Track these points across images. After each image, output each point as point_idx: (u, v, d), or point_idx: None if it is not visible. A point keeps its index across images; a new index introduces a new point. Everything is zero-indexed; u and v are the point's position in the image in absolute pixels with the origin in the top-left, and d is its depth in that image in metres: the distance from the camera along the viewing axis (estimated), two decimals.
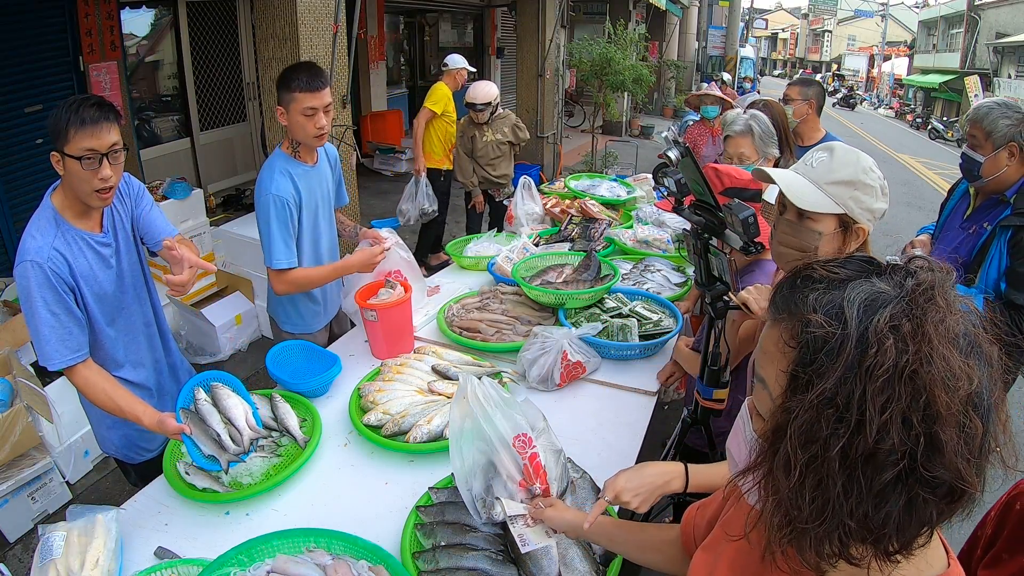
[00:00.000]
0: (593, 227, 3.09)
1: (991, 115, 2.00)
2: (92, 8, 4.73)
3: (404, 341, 2.15)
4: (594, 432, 1.80)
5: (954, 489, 0.56)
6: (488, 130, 4.61)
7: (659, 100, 15.78)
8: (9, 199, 4.48)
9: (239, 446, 1.55)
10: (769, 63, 56.43)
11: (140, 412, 1.52)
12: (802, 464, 0.58)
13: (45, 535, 1.29)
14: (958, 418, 0.55)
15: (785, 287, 0.66)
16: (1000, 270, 1.97)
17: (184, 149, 6.15)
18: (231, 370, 3.72)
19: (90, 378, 1.56)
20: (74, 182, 1.50)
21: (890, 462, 0.55)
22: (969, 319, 0.60)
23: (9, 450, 2.39)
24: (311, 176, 2.15)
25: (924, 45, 29.24)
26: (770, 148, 2.21)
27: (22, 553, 2.45)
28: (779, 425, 0.60)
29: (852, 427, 0.55)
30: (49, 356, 1.51)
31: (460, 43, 12.04)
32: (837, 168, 1.25)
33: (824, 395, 0.56)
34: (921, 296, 0.58)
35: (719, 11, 19.25)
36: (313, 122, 2.01)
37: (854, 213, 1.25)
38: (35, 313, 1.49)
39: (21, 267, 1.49)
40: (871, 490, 0.56)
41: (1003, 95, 18.58)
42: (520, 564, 1.28)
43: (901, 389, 0.54)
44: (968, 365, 0.56)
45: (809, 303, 0.60)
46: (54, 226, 1.54)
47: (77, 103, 1.46)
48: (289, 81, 1.98)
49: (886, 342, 0.55)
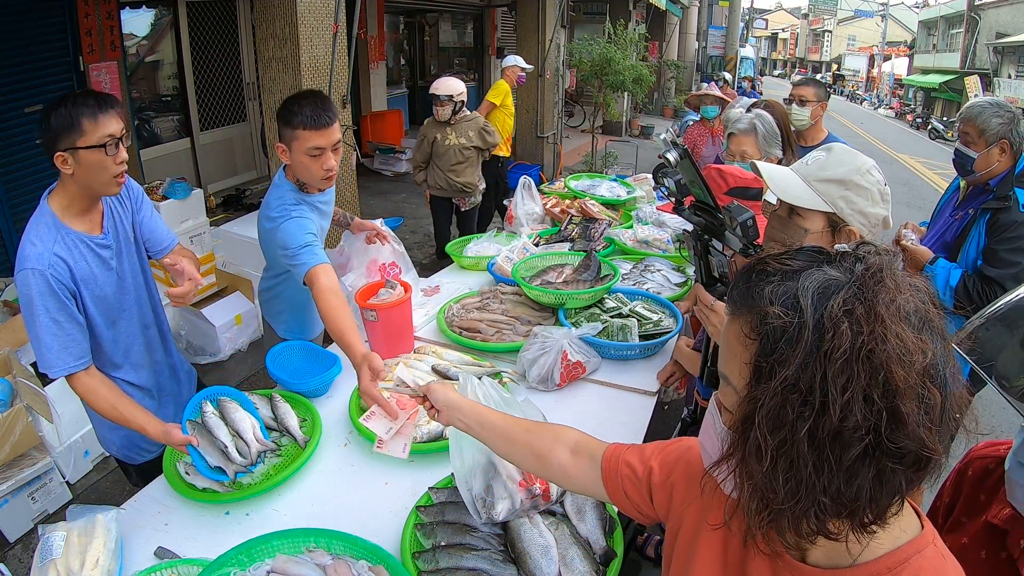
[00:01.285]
0: (593, 227, 3.09)
1: (984, 114, 2.12)
2: (92, 8, 4.74)
3: (404, 341, 2.15)
4: (594, 432, 1.77)
5: (920, 458, 0.59)
6: (451, 133, 4.21)
7: (659, 100, 15.78)
8: (9, 199, 4.48)
9: (246, 458, 1.54)
10: (769, 63, 56.42)
11: (144, 422, 1.51)
12: (772, 449, 0.60)
13: (45, 535, 1.29)
14: (916, 391, 0.58)
15: (741, 282, 0.67)
16: (978, 249, 2.11)
17: (184, 149, 6.15)
18: (231, 370, 3.76)
19: (92, 386, 1.53)
20: (91, 175, 1.47)
21: (856, 438, 0.57)
22: (919, 296, 0.62)
23: (9, 450, 2.39)
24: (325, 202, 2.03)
25: (924, 45, 29.24)
26: (773, 149, 2.22)
27: (22, 553, 2.45)
28: (747, 414, 0.63)
29: (816, 409, 0.57)
30: (51, 364, 1.49)
31: (460, 43, 12.06)
32: (831, 166, 1.24)
33: (787, 381, 0.59)
34: (871, 279, 0.60)
35: (719, 11, 19.25)
36: (320, 163, 1.80)
37: (843, 213, 1.23)
38: (37, 320, 1.47)
39: (22, 275, 1.46)
40: (841, 466, 0.58)
41: (1003, 95, 18.60)
42: (520, 564, 1.28)
43: (859, 369, 0.57)
44: (921, 340, 0.59)
45: (765, 296, 0.62)
46: (54, 231, 1.51)
47: (76, 98, 1.45)
48: (291, 116, 1.76)
49: (841, 326, 0.58)
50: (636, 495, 0.97)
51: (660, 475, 0.94)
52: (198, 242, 4.01)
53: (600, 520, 1.38)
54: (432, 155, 4.27)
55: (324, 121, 1.76)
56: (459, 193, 4.37)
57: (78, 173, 1.48)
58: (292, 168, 1.88)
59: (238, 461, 1.52)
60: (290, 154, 1.82)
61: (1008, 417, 3.52)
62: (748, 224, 1.27)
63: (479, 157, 4.35)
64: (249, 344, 3.99)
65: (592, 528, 1.37)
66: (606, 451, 1.03)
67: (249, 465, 1.53)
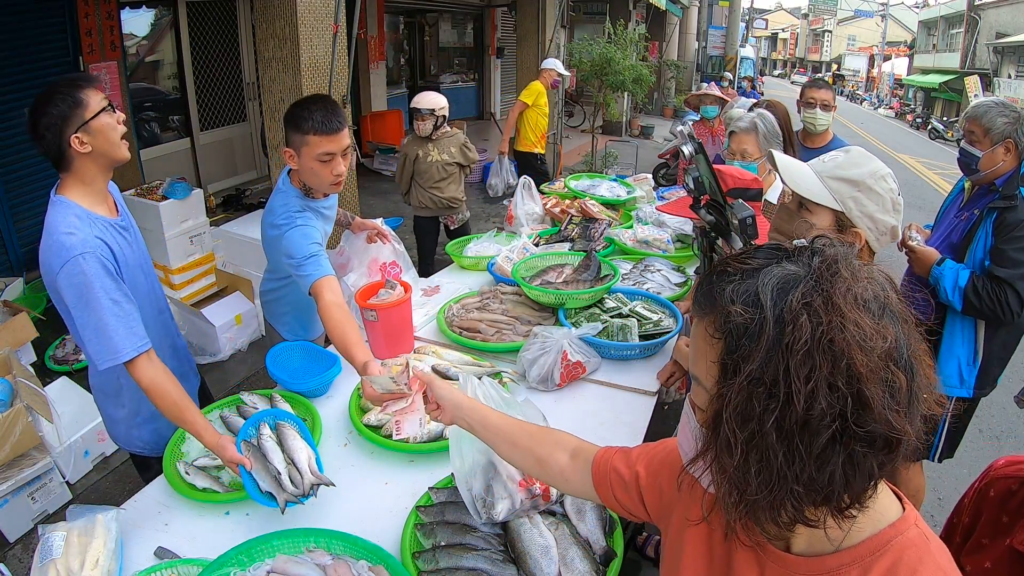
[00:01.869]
0: (593, 227, 3.09)
1: (989, 113, 2.12)
2: (92, 8, 4.74)
3: (404, 341, 2.15)
4: (594, 432, 1.80)
5: (889, 440, 0.60)
6: (433, 149, 3.99)
7: (659, 100, 15.78)
8: (9, 199, 4.48)
9: (298, 488, 1.43)
10: (769, 63, 56.43)
11: (202, 428, 1.47)
12: (743, 442, 0.61)
13: (45, 535, 1.29)
14: (880, 374, 0.59)
15: (704, 284, 0.68)
16: (985, 249, 2.10)
17: (184, 149, 6.15)
18: (231, 370, 3.76)
19: (157, 379, 1.47)
20: (107, 142, 1.49)
21: (823, 426, 0.58)
22: (877, 284, 0.64)
23: (9, 450, 2.39)
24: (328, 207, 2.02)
25: (924, 45, 29.24)
26: (774, 147, 2.22)
27: (22, 553, 2.45)
28: (716, 411, 0.64)
29: (782, 400, 0.59)
30: (119, 347, 1.43)
31: (460, 43, 12.06)
32: (846, 166, 1.24)
33: (752, 376, 0.60)
34: (827, 271, 0.62)
35: (719, 11, 19.24)
36: (330, 168, 1.79)
37: (851, 214, 1.23)
38: (98, 305, 1.42)
39: (71, 264, 1.41)
40: (811, 454, 0.59)
41: (1003, 95, 18.60)
42: (520, 564, 1.28)
43: (821, 358, 0.58)
44: (881, 325, 0.60)
45: (727, 295, 0.64)
46: (84, 218, 1.50)
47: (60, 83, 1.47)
48: (300, 121, 1.74)
49: (800, 318, 0.59)
50: (626, 499, 0.98)
51: (647, 478, 0.95)
52: (198, 242, 4.01)
53: (600, 520, 1.38)
54: (414, 173, 4.08)
55: (335, 126, 1.74)
56: (446, 210, 4.17)
57: (96, 145, 1.48)
58: (299, 173, 1.86)
59: (290, 490, 1.42)
60: (298, 159, 1.80)
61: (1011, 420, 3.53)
62: (748, 223, 1.27)
63: (462, 174, 4.17)
64: (249, 344, 3.99)
65: (592, 528, 1.37)
66: (596, 456, 1.04)
67: (301, 496, 1.41)
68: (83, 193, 1.53)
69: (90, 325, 1.44)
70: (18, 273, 4.43)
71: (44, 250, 1.47)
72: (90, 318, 1.43)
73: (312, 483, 1.44)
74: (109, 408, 1.78)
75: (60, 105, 1.45)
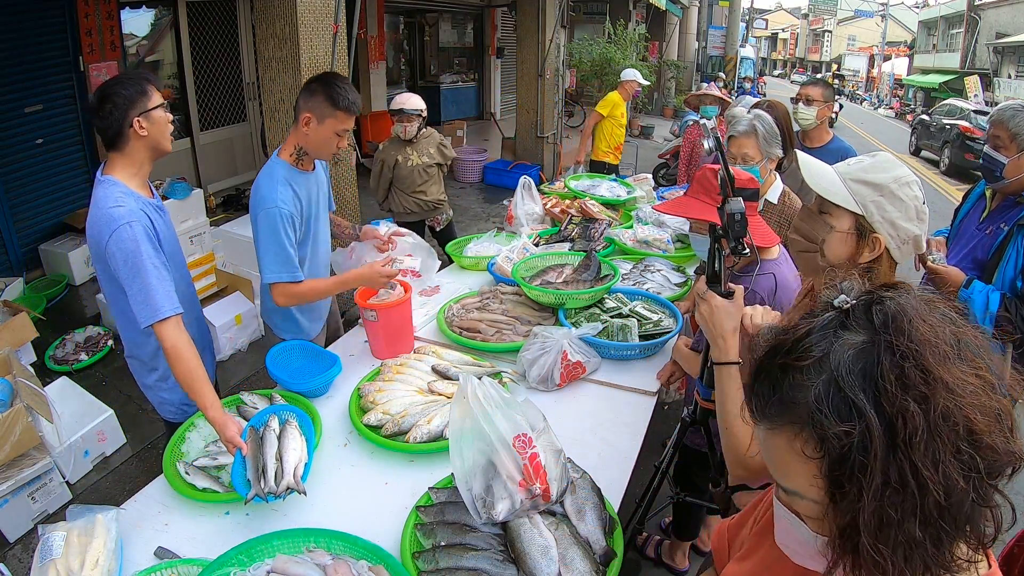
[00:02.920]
0: (593, 227, 3.09)
1: (1017, 117, 2.01)
2: (92, 8, 4.74)
3: (404, 341, 2.16)
4: (594, 432, 1.80)
5: (1016, 465, 0.56)
6: (413, 153, 3.86)
7: (659, 100, 15.78)
8: (9, 199, 4.48)
9: (274, 487, 1.43)
10: (769, 63, 56.42)
11: (211, 402, 1.56)
12: (887, 548, 0.56)
13: (45, 535, 1.29)
14: (992, 413, 0.55)
15: (764, 388, 0.62)
16: (1017, 268, 1.99)
17: (184, 149, 6.15)
18: (231, 370, 3.76)
19: (179, 344, 1.59)
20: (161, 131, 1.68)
21: (962, 493, 0.54)
22: (949, 320, 0.59)
23: (9, 450, 2.39)
24: (311, 183, 2.09)
25: (924, 45, 29.24)
26: (774, 149, 2.20)
27: (22, 553, 2.45)
28: (845, 525, 0.58)
29: (917, 496, 0.54)
30: (159, 306, 1.58)
31: (460, 43, 12.05)
32: (871, 170, 1.22)
33: (876, 487, 0.55)
34: (897, 332, 0.57)
35: (719, 11, 19.24)
36: (340, 142, 2.00)
37: (872, 218, 1.20)
38: (143, 268, 1.58)
39: (120, 230, 1.57)
40: (958, 525, 0.55)
41: (1003, 95, 18.61)
42: (520, 564, 1.28)
43: (942, 438, 0.54)
44: (975, 366, 0.56)
45: (808, 404, 0.57)
46: (130, 196, 1.65)
47: (129, 73, 1.64)
48: (336, 98, 1.91)
49: (908, 408, 0.54)
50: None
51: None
52: (198, 242, 4.01)
53: (600, 520, 1.38)
54: (393, 179, 3.91)
55: (356, 109, 1.98)
56: (432, 212, 4.07)
57: (152, 132, 1.66)
58: (308, 138, 1.97)
59: (266, 487, 1.43)
60: (317, 126, 1.94)
61: None
62: (736, 219, 1.26)
63: (440, 173, 4.05)
64: (249, 344, 3.99)
65: (592, 528, 1.37)
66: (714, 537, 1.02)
67: (270, 495, 1.42)
68: (129, 175, 1.69)
69: (136, 285, 1.58)
70: (18, 273, 4.43)
71: (92, 223, 1.62)
72: (136, 279, 1.58)
73: (287, 486, 1.44)
74: (143, 375, 1.89)
75: (131, 88, 1.62)
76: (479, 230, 5.13)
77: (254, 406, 1.80)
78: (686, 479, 2.05)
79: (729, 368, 1.29)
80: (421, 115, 3.78)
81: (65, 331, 3.82)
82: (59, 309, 4.24)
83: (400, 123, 3.76)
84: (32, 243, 4.67)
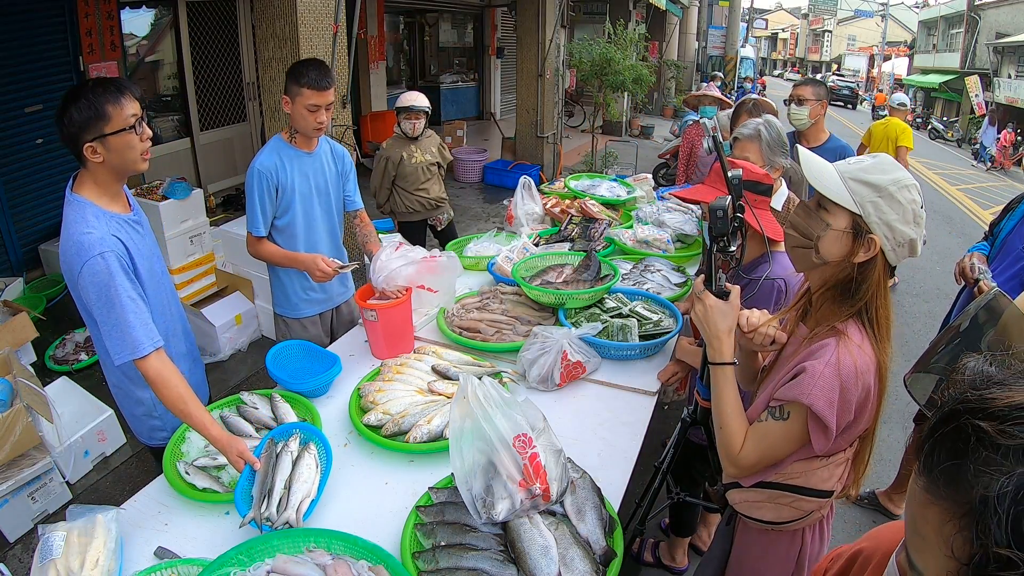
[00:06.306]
0: (593, 227, 3.09)
1: None
2: (92, 8, 4.74)
3: (404, 341, 2.16)
4: (594, 432, 1.80)
5: None
6: (417, 150, 3.89)
7: (659, 100, 15.77)
8: (9, 199, 4.48)
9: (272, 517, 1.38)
10: (769, 63, 56.40)
11: (209, 423, 1.49)
12: None
13: (45, 535, 1.29)
14: None
15: (942, 448, 0.52)
16: None
17: (184, 149, 6.14)
18: (231, 370, 3.76)
19: (164, 373, 1.52)
20: (122, 156, 1.54)
21: None
22: None
23: (9, 450, 2.39)
24: (304, 161, 2.29)
25: (924, 45, 29.22)
26: (778, 157, 2.10)
27: (22, 553, 2.45)
28: None
29: None
30: (138, 343, 1.50)
31: (460, 43, 12.06)
32: (871, 170, 1.22)
33: None
34: None
35: (719, 11, 19.22)
36: (314, 116, 2.18)
37: (869, 219, 1.20)
38: (119, 302, 1.49)
39: (92, 263, 1.47)
40: None
41: (1003, 95, 18.61)
42: (520, 564, 1.28)
43: None
44: None
45: (983, 497, 0.46)
46: (101, 217, 1.56)
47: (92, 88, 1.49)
48: (299, 76, 2.13)
49: None
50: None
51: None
52: (198, 242, 4.01)
53: (600, 520, 1.38)
54: (396, 178, 3.93)
55: (324, 85, 2.14)
56: (434, 211, 4.08)
57: (108, 159, 1.54)
58: (291, 117, 2.23)
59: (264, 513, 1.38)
60: (292, 105, 2.19)
61: None
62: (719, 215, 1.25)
63: (439, 173, 4.08)
64: (249, 344, 3.99)
65: (592, 528, 1.37)
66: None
67: (266, 523, 1.37)
68: (97, 193, 1.60)
69: (111, 321, 1.50)
70: (18, 273, 4.43)
71: (64, 250, 1.53)
72: (111, 315, 1.50)
73: (286, 520, 1.37)
74: (129, 404, 1.81)
75: (84, 112, 1.48)
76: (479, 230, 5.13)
77: (254, 406, 1.81)
78: (685, 472, 2.05)
79: (724, 368, 1.29)
80: (427, 113, 3.85)
81: (65, 331, 3.82)
82: (59, 309, 4.24)
83: (408, 120, 3.81)
84: (32, 243, 4.67)
